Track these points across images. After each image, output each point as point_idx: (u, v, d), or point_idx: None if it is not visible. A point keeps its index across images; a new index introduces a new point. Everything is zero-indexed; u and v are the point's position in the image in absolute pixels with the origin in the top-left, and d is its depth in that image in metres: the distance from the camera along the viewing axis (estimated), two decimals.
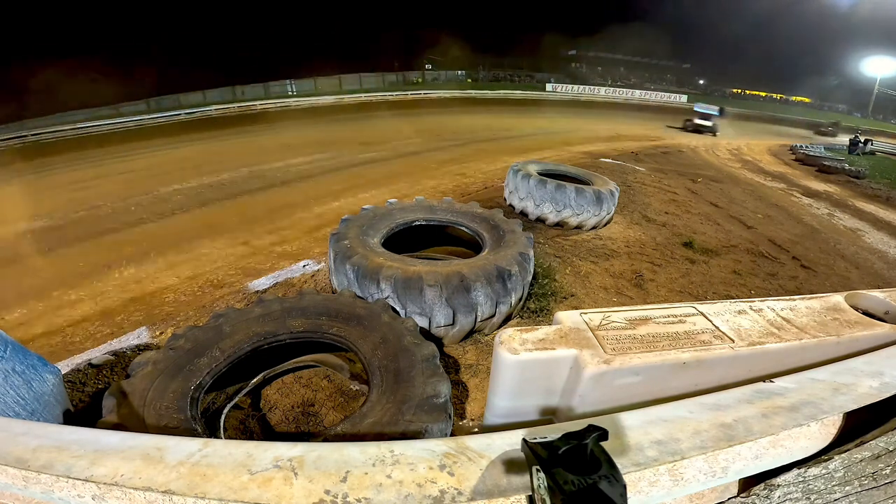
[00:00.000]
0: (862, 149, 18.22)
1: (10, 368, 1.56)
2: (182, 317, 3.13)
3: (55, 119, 18.04)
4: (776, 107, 40.33)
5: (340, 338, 2.08)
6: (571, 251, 4.30)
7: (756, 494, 0.98)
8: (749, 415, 1.05)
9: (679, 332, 1.52)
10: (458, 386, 2.43)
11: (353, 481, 0.84)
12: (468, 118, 17.11)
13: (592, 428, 0.74)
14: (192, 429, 1.55)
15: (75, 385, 2.32)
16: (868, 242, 6.07)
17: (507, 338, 1.45)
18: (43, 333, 3.01)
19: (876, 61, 38.87)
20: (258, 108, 21.84)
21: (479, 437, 0.97)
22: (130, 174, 8.08)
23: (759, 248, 5.11)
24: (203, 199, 6.23)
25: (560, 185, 4.72)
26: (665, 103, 34.68)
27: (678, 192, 7.29)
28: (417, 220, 3.46)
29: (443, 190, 6.56)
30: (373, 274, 2.54)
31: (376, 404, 1.67)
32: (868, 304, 1.77)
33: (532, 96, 32.51)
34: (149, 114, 20.34)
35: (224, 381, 2.02)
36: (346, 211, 5.27)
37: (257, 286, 3.52)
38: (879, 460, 0.98)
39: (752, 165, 12.18)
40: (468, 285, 2.52)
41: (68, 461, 0.88)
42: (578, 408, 1.44)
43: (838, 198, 8.95)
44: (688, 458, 0.92)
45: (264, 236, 4.77)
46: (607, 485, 0.67)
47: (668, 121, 21.40)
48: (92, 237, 4.86)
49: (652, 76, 48.64)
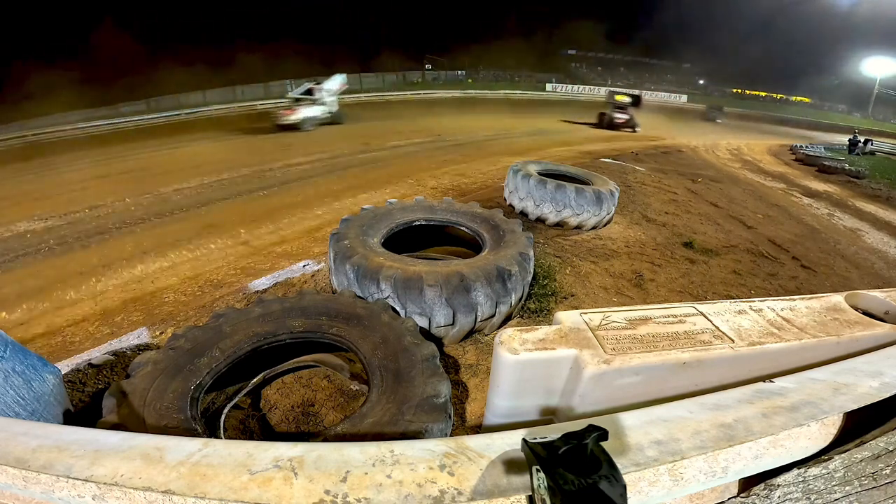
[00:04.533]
0: (862, 149, 18.21)
1: (10, 368, 1.56)
2: (182, 317, 3.13)
3: (55, 119, 18.03)
4: (776, 107, 40.34)
5: (340, 338, 2.08)
6: (571, 251, 4.30)
7: (756, 494, 0.98)
8: (749, 415, 1.05)
9: (679, 332, 1.52)
10: (458, 386, 2.43)
11: (353, 481, 0.84)
12: (468, 118, 17.11)
13: (592, 428, 0.74)
14: (192, 429, 1.55)
15: (75, 385, 2.32)
16: (868, 242, 6.07)
17: (507, 338, 1.45)
18: (43, 333, 3.01)
19: (876, 61, 38.87)
20: (258, 108, 21.83)
21: (479, 437, 0.97)
22: (130, 174, 8.08)
23: (759, 248, 5.11)
24: (203, 199, 6.23)
25: (560, 185, 4.72)
26: (665, 103, 34.73)
27: (678, 192, 7.30)
28: (417, 220, 3.46)
29: (443, 190, 6.57)
30: (373, 274, 2.54)
31: (376, 404, 1.67)
32: (868, 304, 1.77)
33: (532, 96, 32.53)
34: (149, 114, 20.31)
35: (224, 381, 2.02)
36: (346, 211, 5.27)
37: (257, 286, 3.52)
38: (879, 460, 0.98)
39: (751, 165, 12.18)
40: (468, 285, 2.52)
41: (68, 461, 0.88)
42: (578, 408, 1.44)
43: (838, 198, 8.95)
44: (688, 458, 0.92)
45: (264, 236, 4.77)
46: (607, 485, 0.67)
47: (675, 121, 21.41)
48: (92, 237, 4.86)
49: (652, 76, 48.64)
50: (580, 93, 36.46)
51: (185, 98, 24.64)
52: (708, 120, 25.55)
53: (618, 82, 41.97)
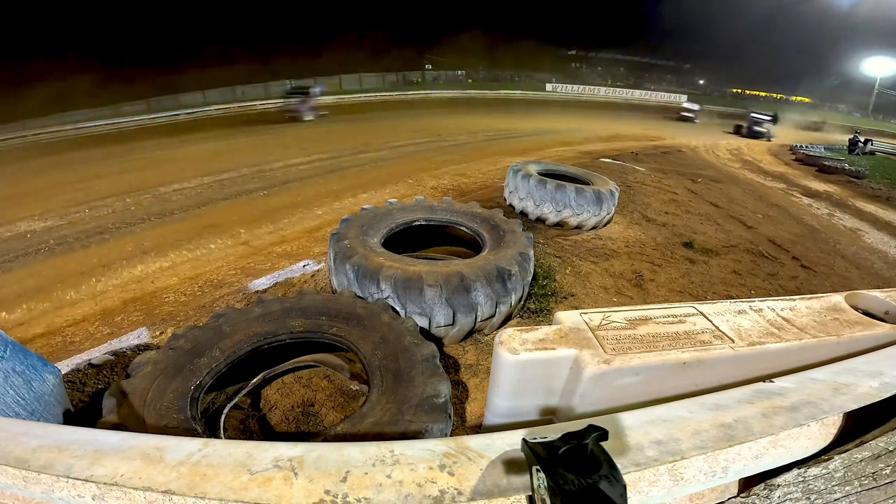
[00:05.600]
0: (862, 149, 18.21)
1: (10, 368, 1.56)
2: (182, 317, 3.13)
3: (55, 119, 18.00)
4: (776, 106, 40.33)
5: (340, 338, 2.08)
6: (571, 251, 4.30)
7: (756, 494, 0.98)
8: (749, 415, 1.05)
9: (679, 332, 1.52)
10: (458, 386, 2.43)
11: (353, 481, 0.84)
12: (468, 118, 17.09)
13: (592, 428, 0.74)
14: (192, 429, 1.55)
15: (75, 385, 2.32)
16: (868, 242, 6.07)
17: (507, 338, 1.45)
18: (43, 333, 3.01)
19: (876, 61, 38.86)
20: (258, 108, 21.82)
21: (479, 437, 0.97)
22: (130, 174, 8.07)
23: (759, 248, 5.11)
24: (203, 199, 6.23)
25: (560, 185, 4.72)
26: (666, 103, 34.69)
27: (678, 192, 7.29)
28: (417, 220, 3.46)
29: (443, 190, 6.56)
30: (373, 274, 2.54)
31: (376, 404, 1.67)
32: (868, 304, 1.77)
33: (532, 96, 32.53)
34: (149, 114, 20.29)
35: (224, 381, 2.02)
36: (346, 211, 5.27)
37: (257, 286, 3.52)
38: (879, 460, 0.98)
39: (751, 165, 12.18)
40: (468, 285, 2.52)
41: (68, 461, 0.88)
42: (578, 408, 1.44)
43: (838, 198, 8.95)
44: (688, 458, 0.92)
45: (264, 236, 4.77)
46: (607, 485, 0.67)
47: (666, 118, 21.83)
48: (92, 237, 4.86)
49: (652, 76, 48.63)
50: (581, 93, 36.44)
51: (185, 98, 24.61)
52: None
53: (618, 82, 41.99)
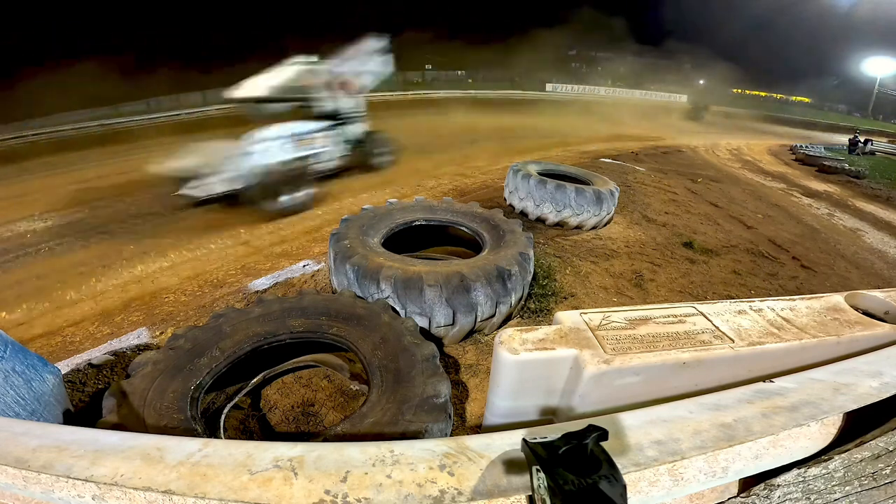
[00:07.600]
0: (862, 149, 18.22)
1: (10, 368, 1.56)
2: (182, 317, 3.13)
3: (55, 119, 18.01)
4: (776, 106, 40.31)
5: (340, 338, 2.08)
6: (571, 251, 4.30)
7: (756, 494, 0.98)
8: (749, 415, 1.05)
9: (679, 332, 1.52)
10: (458, 386, 2.43)
11: (353, 481, 0.84)
12: (468, 118, 17.09)
13: (592, 428, 0.74)
14: (192, 429, 1.55)
15: (75, 385, 2.32)
16: (868, 242, 6.07)
17: (507, 338, 1.45)
18: (43, 333, 3.01)
19: (876, 61, 38.87)
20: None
21: (479, 437, 0.97)
22: (130, 174, 8.06)
23: (759, 248, 5.11)
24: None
25: (560, 185, 4.72)
26: (665, 103, 34.70)
27: (678, 192, 7.29)
28: (417, 220, 3.46)
29: (443, 190, 6.56)
30: (373, 274, 2.54)
31: (376, 404, 1.67)
32: (868, 304, 1.77)
33: (532, 96, 32.51)
34: (149, 114, 20.28)
35: (224, 381, 2.02)
36: (346, 211, 5.27)
37: (257, 286, 3.52)
38: (879, 460, 0.98)
39: (751, 165, 12.18)
40: (468, 285, 2.52)
41: (68, 461, 0.88)
42: (578, 408, 1.44)
43: (838, 198, 8.95)
44: (688, 458, 0.92)
45: (264, 236, 4.77)
46: (607, 485, 0.67)
47: (668, 119, 21.95)
48: (92, 237, 4.86)
49: (652, 76, 48.61)
50: (581, 93, 36.42)
51: (185, 98, 24.61)
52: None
53: (618, 82, 41.98)
